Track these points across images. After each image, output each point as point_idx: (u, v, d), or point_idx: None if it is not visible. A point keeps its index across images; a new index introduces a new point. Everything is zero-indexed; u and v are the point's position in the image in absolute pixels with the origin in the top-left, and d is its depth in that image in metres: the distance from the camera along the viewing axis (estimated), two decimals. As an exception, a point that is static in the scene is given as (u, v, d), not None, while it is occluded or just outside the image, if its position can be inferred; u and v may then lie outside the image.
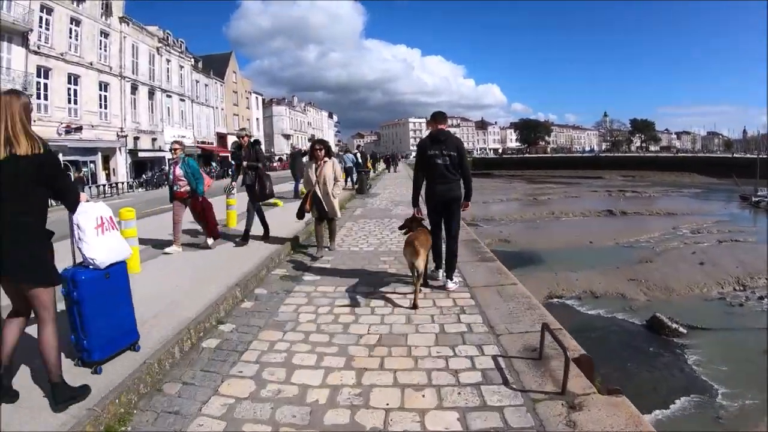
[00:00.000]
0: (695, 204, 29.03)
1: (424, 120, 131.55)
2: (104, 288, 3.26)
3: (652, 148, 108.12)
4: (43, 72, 24.29)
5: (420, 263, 4.48)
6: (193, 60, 45.89)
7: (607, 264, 13.18)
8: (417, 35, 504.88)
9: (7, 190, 2.45)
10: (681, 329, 9.13)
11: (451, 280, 5.02)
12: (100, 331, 3.17)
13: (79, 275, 3.08)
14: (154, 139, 36.79)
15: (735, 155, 66.47)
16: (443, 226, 5.27)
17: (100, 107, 29.37)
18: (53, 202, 2.88)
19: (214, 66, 50.79)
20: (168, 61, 39.84)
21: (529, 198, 31.75)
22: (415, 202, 5.31)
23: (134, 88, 33.86)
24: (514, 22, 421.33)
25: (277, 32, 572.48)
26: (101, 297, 3.22)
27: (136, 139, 33.85)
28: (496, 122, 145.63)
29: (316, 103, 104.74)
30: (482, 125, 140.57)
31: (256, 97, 65.24)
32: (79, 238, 3.14)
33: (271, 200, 10.83)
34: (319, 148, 6.60)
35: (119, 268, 3.38)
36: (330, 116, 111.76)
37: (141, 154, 34.29)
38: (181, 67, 42.67)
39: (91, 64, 27.99)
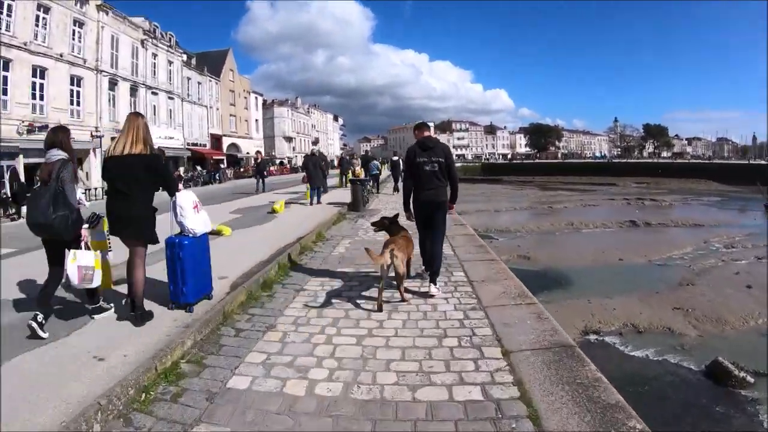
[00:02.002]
0: (719, 214, 27.30)
1: (432, 124, 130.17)
2: (198, 250, 4.68)
3: (664, 154, 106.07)
4: (2, 64, 21.95)
5: (400, 267, 4.94)
6: (185, 56, 43.41)
7: (644, 287, 11.52)
8: (424, 40, 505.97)
9: (132, 176, 4.16)
10: (749, 378, 7.45)
11: (435, 284, 5.37)
12: (192, 282, 4.56)
13: (183, 240, 4.54)
14: (136, 141, 34.31)
15: (751, 161, 64.64)
16: (428, 229, 5.59)
17: (71, 104, 26.94)
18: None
19: (209, 63, 48.39)
20: (154, 55, 37.29)
21: (543, 206, 30.05)
22: (406, 207, 5.75)
23: (113, 84, 31.26)
24: (520, 27, 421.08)
25: (285, 37, 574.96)
26: (195, 257, 4.63)
27: (114, 140, 31.73)
28: (505, 127, 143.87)
29: (322, 106, 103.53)
30: (491, 130, 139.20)
31: (256, 97, 62.74)
32: (182, 215, 4.59)
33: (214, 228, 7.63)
34: None
35: (205, 237, 4.88)
36: (335, 119, 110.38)
37: None
38: (170, 62, 40.07)
39: (61, 55, 25.63)
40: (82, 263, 4.06)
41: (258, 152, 26.13)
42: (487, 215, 25.14)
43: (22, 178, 17.37)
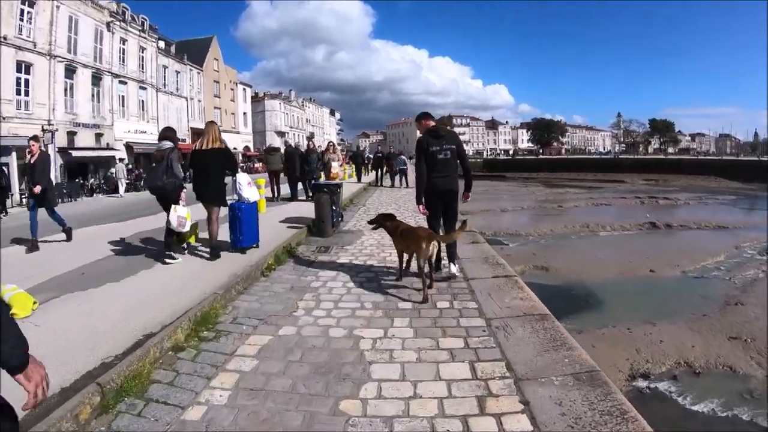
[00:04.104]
0: (740, 214, 25.56)
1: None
2: (250, 212, 7.21)
3: (669, 150, 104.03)
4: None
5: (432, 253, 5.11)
6: (161, 42, 39.97)
7: (688, 307, 9.74)
8: (424, 36, 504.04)
9: (212, 162, 6.53)
10: None
11: (454, 264, 5.67)
12: (247, 233, 7.13)
13: (241, 205, 7.11)
14: (99, 135, 30.33)
15: (761, 158, 62.89)
16: (442, 218, 5.75)
17: (19, 94, 23.65)
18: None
19: (191, 52, 45.02)
20: (123, 40, 33.73)
21: (552, 205, 28.21)
22: (419, 199, 5.69)
23: (71, 71, 27.74)
24: (521, 22, 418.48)
25: (284, 33, 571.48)
26: (248, 216, 7.17)
27: (71, 134, 27.63)
28: (507, 122, 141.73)
29: (320, 101, 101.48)
30: (493, 125, 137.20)
31: (244, 89, 59.08)
32: (240, 188, 7.21)
33: None
34: None
35: (255, 204, 7.46)
36: (332, 113, 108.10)
37: (78, 153, 27.25)
38: (142, 48, 36.41)
39: (5, 38, 22.48)
40: (180, 214, 6.33)
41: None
42: (493, 216, 23.32)
43: None
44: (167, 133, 6.67)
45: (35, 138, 8.36)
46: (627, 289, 10.82)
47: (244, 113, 59.02)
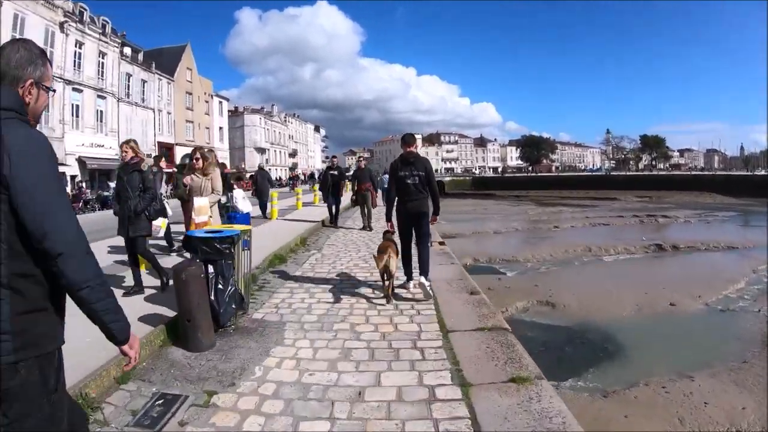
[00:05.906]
0: (744, 233, 24.48)
1: (420, 136, 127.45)
2: (243, 221, 8.55)
3: (660, 166, 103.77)
4: None
5: (393, 266, 5.70)
6: (126, 48, 36.90)
7: (723, 351, 8.14)
8: (412, 54, 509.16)
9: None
10: None
11: (426, 277, 5.82)
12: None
13: (236, 214, 8.86)
14: (46, 148, 27.53)
15: (756, 173, 62.63)
16: (414, 239, 6.15)
17: None
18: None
19: (162, 60, 42.15)
20: (79, 43, 30.50)
21: (548, 226, 26.71)
22: (388, 218, 6.41)
23: None
24: (508, 41, 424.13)
25: (273, 50, 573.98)
26: (242, 222, 8.42)
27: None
28: (495, 139, 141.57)
29: (307, 119, 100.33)
30: (481, 143, 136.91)
31: (220, 102, 55.66)
32: (236, 201, 8.99)
33: None
34: None
35: (248, 213, 9.16)
36: (317, 129, 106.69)
37: None
38: (102, 53, 33.03)
39: None
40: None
41: None
42: (485, 239, 21.78)
43: None
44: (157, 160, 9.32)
45: None
46: (649, 330, 9.23)
47: (220, 128, 56.04)
